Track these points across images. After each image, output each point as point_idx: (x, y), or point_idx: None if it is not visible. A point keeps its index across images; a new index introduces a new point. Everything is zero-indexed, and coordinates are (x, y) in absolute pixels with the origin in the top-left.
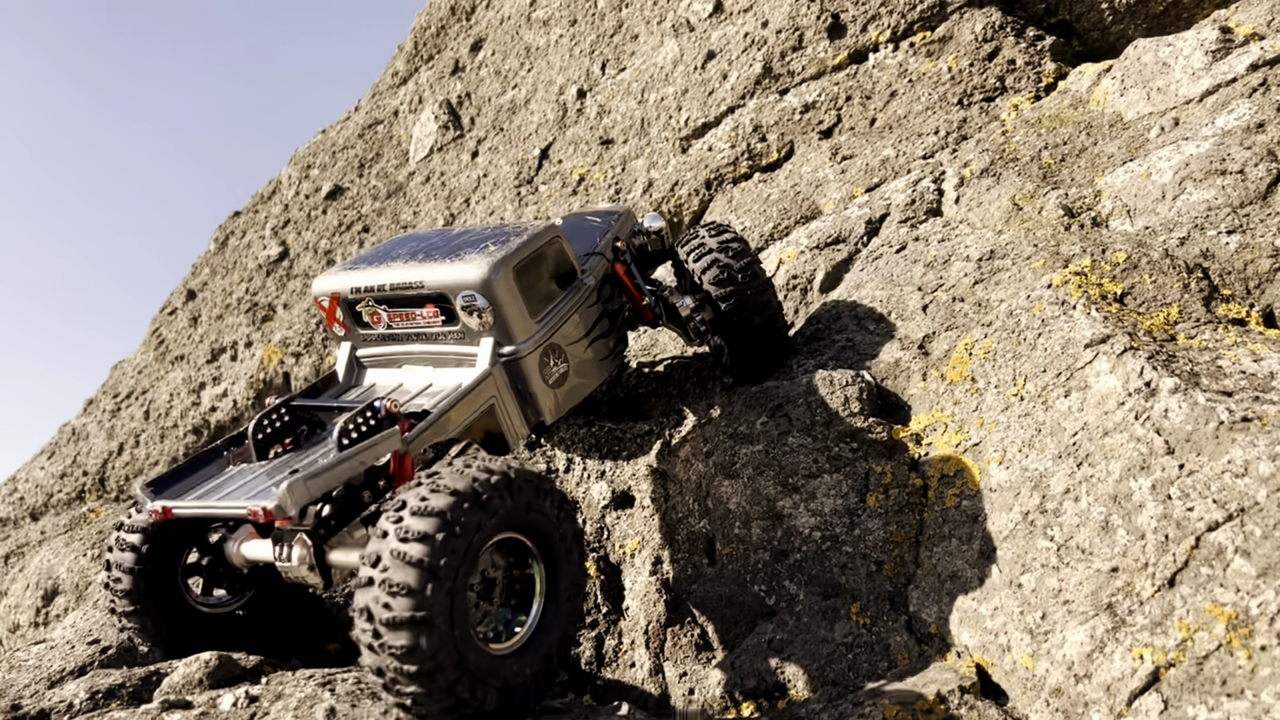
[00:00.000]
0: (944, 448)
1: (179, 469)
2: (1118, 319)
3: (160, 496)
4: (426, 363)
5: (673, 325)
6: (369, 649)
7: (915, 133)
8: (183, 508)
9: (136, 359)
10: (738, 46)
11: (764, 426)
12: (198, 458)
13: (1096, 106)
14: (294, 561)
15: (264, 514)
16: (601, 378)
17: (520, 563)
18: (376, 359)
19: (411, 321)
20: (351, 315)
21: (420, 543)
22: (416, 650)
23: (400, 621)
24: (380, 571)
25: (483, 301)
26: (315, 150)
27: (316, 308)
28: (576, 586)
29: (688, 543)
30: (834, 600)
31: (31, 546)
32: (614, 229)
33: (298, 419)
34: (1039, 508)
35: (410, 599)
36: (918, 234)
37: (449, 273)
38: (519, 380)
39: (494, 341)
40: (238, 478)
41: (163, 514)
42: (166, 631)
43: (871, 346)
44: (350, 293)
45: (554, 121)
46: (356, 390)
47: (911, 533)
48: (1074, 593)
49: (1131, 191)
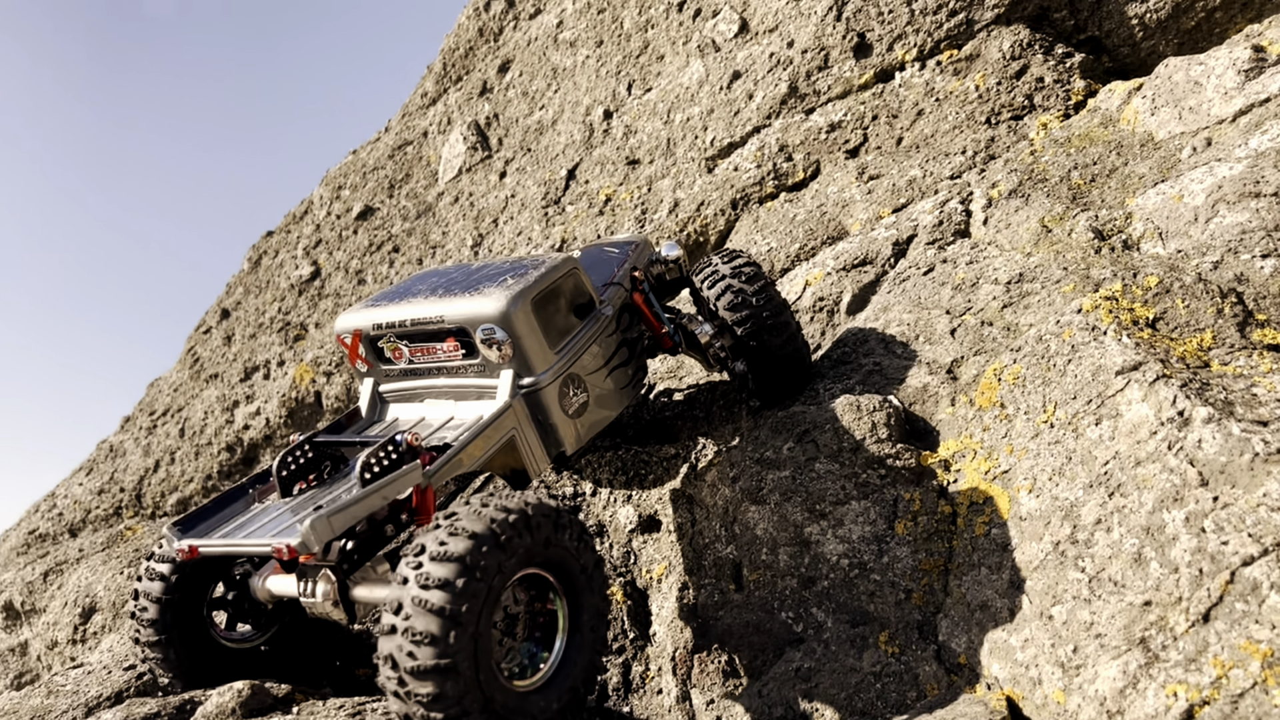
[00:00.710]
0: (973, 475)
1: (205, 508)
2: (1149, 345)
3: (187, 535)
4: (448, 396)
5: (692, 352)
6: (395, 696)
7: (942, 152)
8: (209, 546)
9: (172, 377)
10: (763, 66)
11: (791, 452)
12: (223, 496)
13: (1127, 126)
14: (318, 597)
15: (288, 551)
16: (621, 407)
17: (542, 596)
18: (399, 394)
19: (432, 356)
20: (374, 351)
21: (441, 589)
22: (443, 697)
23: (425, 670)
24: (403, 619)
25: (502, 334)
26: (346, 171)
27: (339, 345)
28: (600, 616)
29: (714, 568)
30: (862, 628)
31: (70, 564)
32: (631, 258)
33: (321, 455)
34: (1070, 538)
35: (434, 647)
36: (945, 256)
37: (468, 307)
38: (539, 411)
39: (514, 373)
40: (262, 515)
41: (189, 553)
42: (188, 664)
43: (899, 371)
44: (372, 329)
45: (581, 142)
46: (380, 425)
47: (940, 561)
48: (1106, 626)
49: (1163, 213)
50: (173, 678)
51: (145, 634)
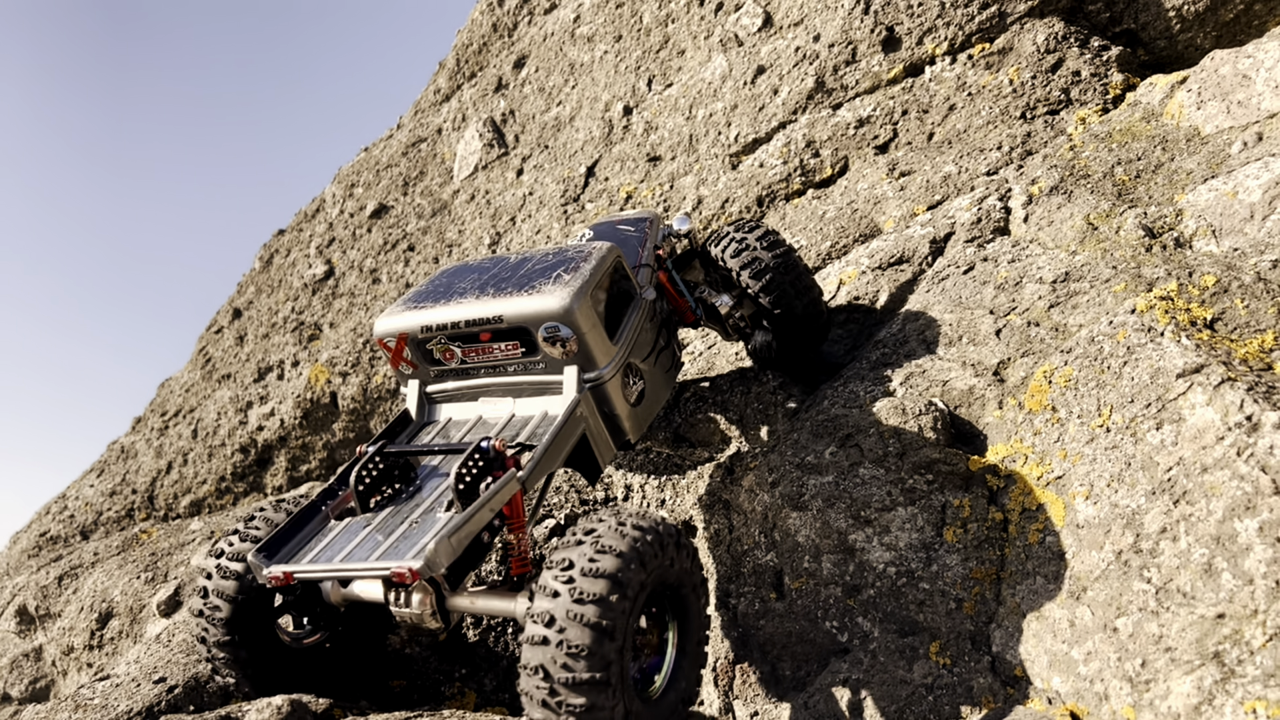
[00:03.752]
0: (1025, 480)
1: (282, 531)
2: (1210, 347)
3: (274, 561)
4: (504, 394)
5: (711, 324)
6: (544, 705)
7: (977, 148)
8: (305, 572)
9: (184, 377)
10: (788, 61)
11: (834, 456)
12: (298, 515)
13: (1170, 120)
14: (414, 606)
15: (411, 575)
16: (670, 391)
17: (659, 613)
18: (448, 393)
19: (489, 355)
20: (421, 353)
21: (595, 604)
22: (595, 708)
23: (580, 682)
24: (556, 632)
25: (566, 331)
26: (359, 168)
27: (381, 349)
28: (704, 631)
29: (754, 576)
30: (911, 638)
31: (85, 568)
32: (650, 236)
33: (391, 465)
34: (1133, 547)
35: (589, 660)
36: (985, 254)
37: (529, 305)
38: (604, 403)
39: (578, 369)
40: (347, 534)
41: (283, 579)
42: (256, 664)
43: (943, 372)
44: (420, 332)
45: (600, 139)
46: (434, 427)
47: (992, 569)
48: (1177, 639)
49: (1216, 210)
50: (239, 677)
51: (215, 633)
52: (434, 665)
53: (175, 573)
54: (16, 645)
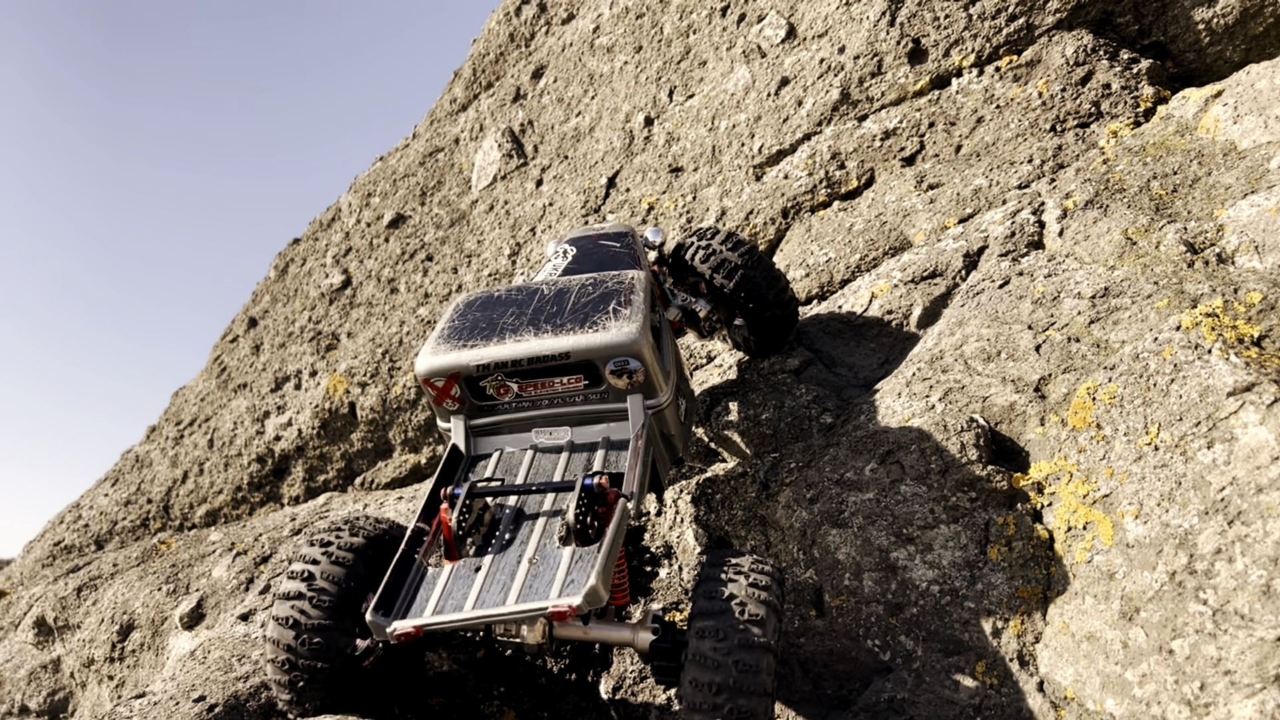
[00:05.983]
0: (1070, 499)
1: (391, 585)
2: (1260, 365)
3: (394, 618)
4: (561, 423)
5: (689, 326)
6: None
7: (1007, 161)
8: (437, 624)
9: (198, 386)
10: (813, 72)
11: (874, 473)
12: (396, 568)
13: (1205, 134)
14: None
15: (571, 611)
16: (698, 404)
17: None
18: (497, 426)
19: (549, 389)
20: (474, 391)
21: (759, 625)
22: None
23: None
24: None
25: (635, 364)
26: (375, 178)
27: (427, 388)
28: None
29: (793, 593)
30: (956, 658)
31: (104, 579)
32: (640, 252)
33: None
34: (1187, 568)
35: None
36: (1020, 268)
37: (596, 340)
38: (663, 425)
39: (642, 396)
40: (459, 580)
41: (415, 633)
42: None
43: (982, 388)
44: (476, 370)
45: (620, 149)
46: (489, 461)
47: (1039, 589)
48: (1236, 662)
49: (1259, 226)
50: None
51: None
52: (472, 683)
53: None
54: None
